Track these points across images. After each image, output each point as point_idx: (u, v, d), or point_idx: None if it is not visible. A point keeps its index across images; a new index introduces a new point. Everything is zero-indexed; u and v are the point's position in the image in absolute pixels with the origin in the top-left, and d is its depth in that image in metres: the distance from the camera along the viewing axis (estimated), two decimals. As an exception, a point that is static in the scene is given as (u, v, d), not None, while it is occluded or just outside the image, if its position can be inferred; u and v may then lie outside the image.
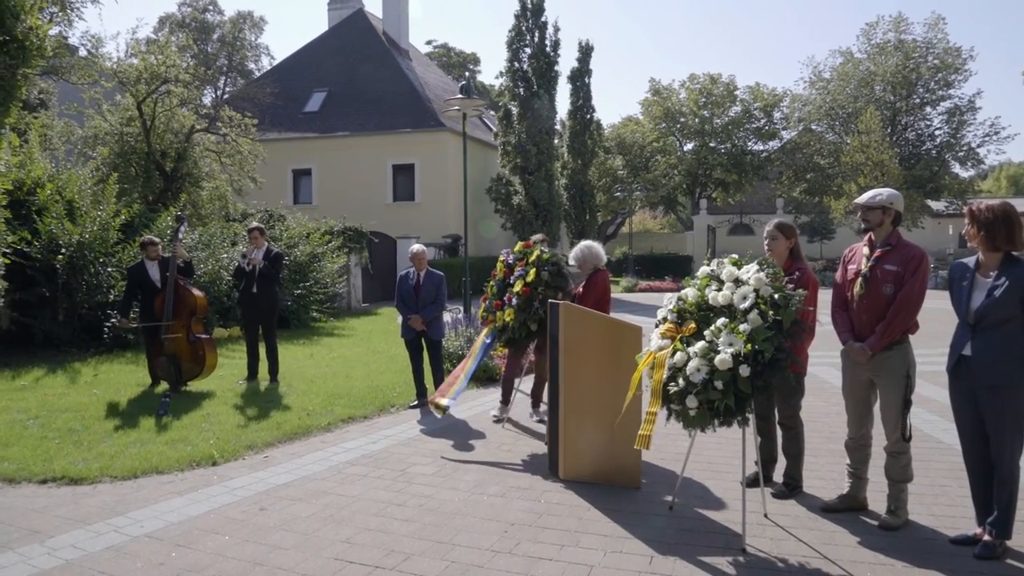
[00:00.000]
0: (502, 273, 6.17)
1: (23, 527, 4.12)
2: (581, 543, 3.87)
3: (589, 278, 5.86)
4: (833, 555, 3.66)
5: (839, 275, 4.28)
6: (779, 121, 37.11)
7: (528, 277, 5.79)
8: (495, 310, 6.07)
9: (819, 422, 6.29)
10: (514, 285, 5.90)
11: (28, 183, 10.32)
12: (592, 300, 5.65)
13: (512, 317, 5.76)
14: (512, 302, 5.82)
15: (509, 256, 6.21)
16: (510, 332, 5.84)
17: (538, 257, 5.91)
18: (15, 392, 7.44)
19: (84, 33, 30.75)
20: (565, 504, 4.45)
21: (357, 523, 4.18)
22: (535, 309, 5.69)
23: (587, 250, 5.91)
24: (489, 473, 5.09)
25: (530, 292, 5.74)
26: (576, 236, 28.47)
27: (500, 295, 6.11)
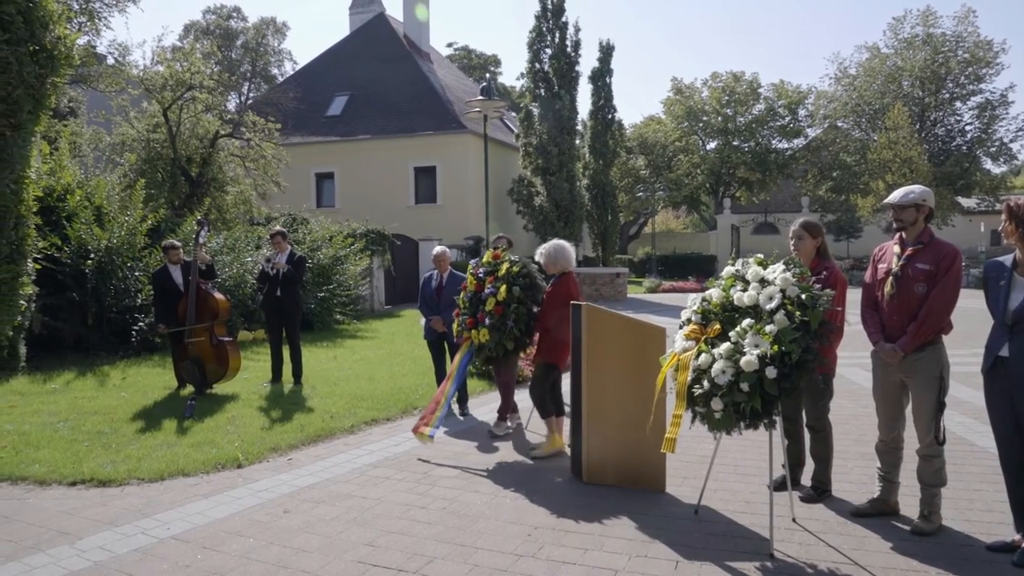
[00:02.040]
0: (473, 287, 5.81)
1: (53, 528, 4.17)
2: (605, 547, 3.82)
3: (556, 282, 5.52)
4: (864, 561, 3.58)
5: (869, 274, 4.19)
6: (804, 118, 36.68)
7: (499, 295, 5.48)
8: (469, 327, 5.71)
9: (848, 424, 6.17)
10: (486, 303, 5.57)
11: (58, 190, 10.52)
12: (558, 307, 5.34)
13: (488, 337, 5.48)
14: (486, 322, 5.50)
15: (479, 269, 5.85)
16: (487, 352, 5.58)
17: (508, 271, 5.59)
18: (46, 395, 7.57)
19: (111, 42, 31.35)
20: (588, 507, 4.41)
21: (380, 526, 4.18)
22: (509, 328, 5.43)
23: (558, 250, 5.55)
24: (512, 476, 5.07)
25: (503, 311, 5.44)
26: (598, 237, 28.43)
27: (473, 311, 5.75)
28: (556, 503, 4.49)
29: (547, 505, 4.46)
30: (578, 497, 4.60)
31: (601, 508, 4.39)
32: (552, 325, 5.40)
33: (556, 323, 5.35)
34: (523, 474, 5.10)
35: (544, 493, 4.68)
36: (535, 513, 4.33)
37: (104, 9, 16.37)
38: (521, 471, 5.17)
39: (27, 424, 6.36)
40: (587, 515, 4.28)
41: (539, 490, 4.74)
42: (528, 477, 5.02)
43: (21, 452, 5.55)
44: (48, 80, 8.26)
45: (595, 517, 4.24)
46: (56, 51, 8.24)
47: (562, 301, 5.31)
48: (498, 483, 4.91)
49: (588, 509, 4.38)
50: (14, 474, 5.10)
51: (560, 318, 5.30)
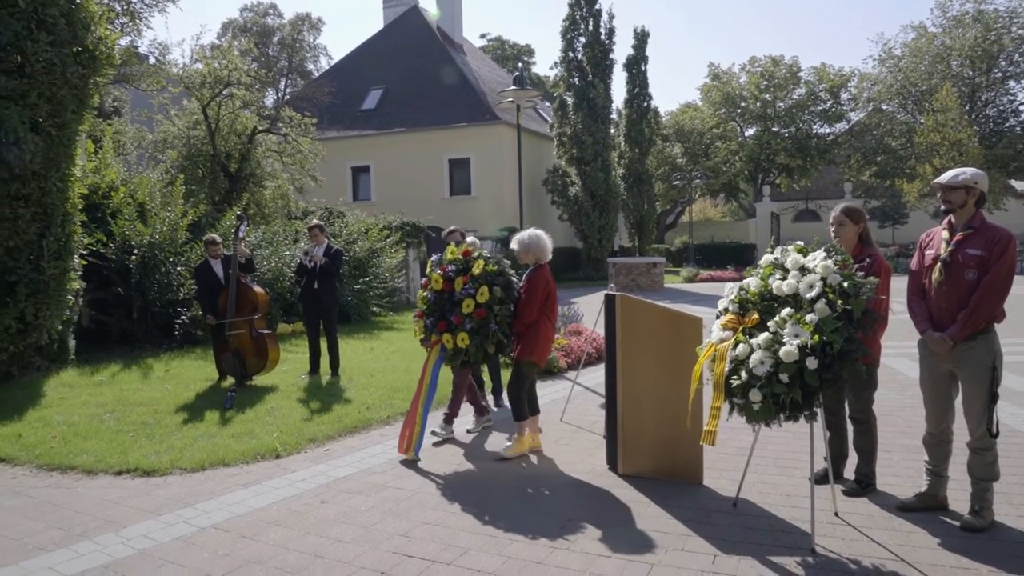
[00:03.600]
0: (439, 285, 5.33)
1: (100, 517, 4.29)
2: (641, 540, 3.77)
3: (532, 274, 5.23)
4: (911, 557, 3.46)
5: (915, 261, 4.04)
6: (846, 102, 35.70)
7: (480, 296, 5.09)
8: (439, 331, 5.25)
9: (893, 416, 6.00)
10: (461, 304, 5.15)
11: (103, 187, 10.79)
12: (537, 301, 5.14)
13: (468, 342, 5.08)
14: (466, 325, 5.08)
15: (449, 267, 5.35)
16: (465, 356, 5.17)
17: (485, 270, 5.18)
18: (94, 387, 7.79)
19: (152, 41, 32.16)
20: (624, 499, 4.36)
21: (415, 517, 4.19)
22: (493, 331, 5.06)
23: (535, 240, 5.27)
24: (546, 467, 5.04)
25: (485, 314, 5.06)
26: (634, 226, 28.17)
27: (440, 312, 5.31)
28: (591, 495, 4.45)
29: (582, 496, 4.43)
30: (613, 489, 4.55)
31: (637, 500, 4.33)
32: (532, 320, 5.16)
33: (536, 318, 5.16)
34: (558, 465, 5.07)
35: (579, 484, 4.64)
36: (569, 504, 4.30)
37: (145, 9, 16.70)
38: (556, 462, 5.14)
39: (76, 415, 6.56)
40: (622, 507, 4.23)
41: (574, 482, 4.71)
42: (563, 468, 4.99)
43: (70, 442, 5.72)
44: (91, 80, 8.45)
45: (631, 509, 4.19)
46: (98, 51, 8.42)
47: (541, 295, 5.15)
48: (532, 474, 4.89)
49: (623, 501, 4.33)
50: (63, 463, 5.26)
51: (540, 313, 5.15)
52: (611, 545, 3.72)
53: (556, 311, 5.42)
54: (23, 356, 8.13)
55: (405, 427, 5.31)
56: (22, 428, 6.15)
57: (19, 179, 7.67)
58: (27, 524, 4.20)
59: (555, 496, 4.47)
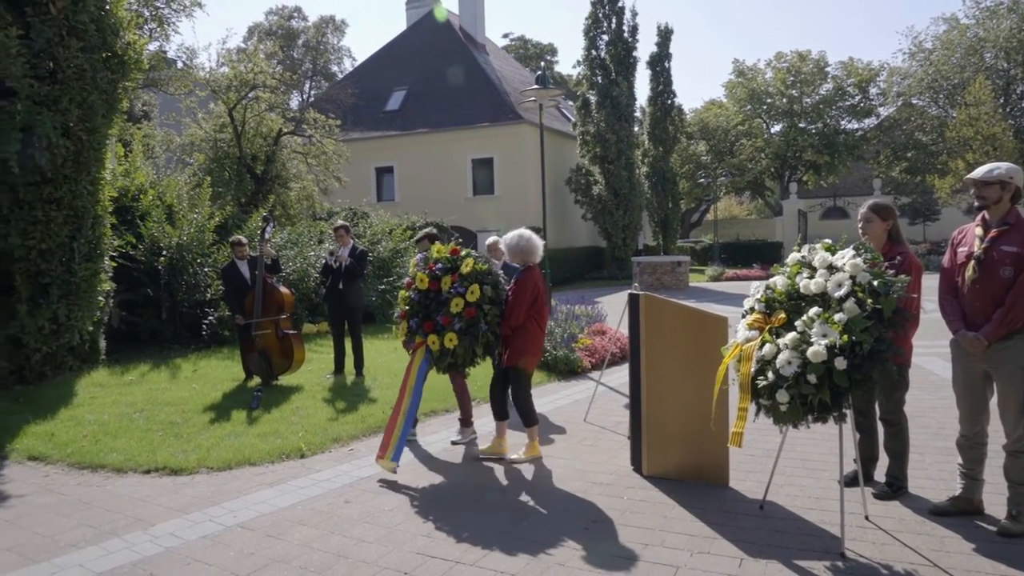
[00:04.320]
0: (424, 284, 5.16)
1: (129, 515, 4.35)
2: (666, 542, 3.73)
3: (521, 276, 5.10)
4: (945, 563, 3.37)
5: (947, 259, 3.94)
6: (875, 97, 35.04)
7: (471, 295, 4.93)
8: (425, 332, 5.06)
9: (925, 417, 5.87)
10: (449, 304, 4.99)
11: (132, 190, 10.97)
12: (524, 305, 5.00)
13: (457, 343, 4.90)
14: (455, 325, 4.92)
15: (436, 265, 5.17)
16: (452, 358, 4.98)
17: (474, 269, 5.03)
18: (124, 387, 7.92)
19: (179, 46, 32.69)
20: (648, 501, 4.32)
21: (438, 517, 4.19)
22: (484, 332, 4.91)
23: (525, 241, 5.15)
24: (570, 468, 5.01)
25: (475, 313, 4.91)
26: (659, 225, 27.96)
27: (425, 312, 5.14)
28: (615, 497, 4.42)
29: (606, 499, 4.39)
30: (638, 491, 4.50)
31: (662, 502, 4.29)
32: (520, 323, 5.03)
33: (524, 320, 5.04)
34: (581, 467, 5.04)
35: (603, 486, 4.61)
36: (593, 506, 4.27)
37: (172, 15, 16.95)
38: (579, 463, 5.11)
39: (106, 414, 6.67)
40: (647, 509, 4.19)
41: (598, 483, 4.67)
42: (586, 470, 4.96)
43: (100, 441, 5.82)
44: (120, 85, 8.59)
45: (655, 511, 4.15)
46: (126, 56, 8.57)
47: (530, 296, 5.03)
48: (556, 475, 4.86)
49: (648, 503, 4.29)
50: (94, 462, 5.35)
51: (528, 315, 5.04)
52: (636, 548, 3.68)
53: (546, 314, 5.25)
54: (56, 356, 8.30)
55: (385, 433, 5.00)
56: (55, 427, 6.28)
57: (51, 183, 7.83)
58: (59, 521, 4.28)
59: (579, 497, 4.44)
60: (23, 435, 6.04)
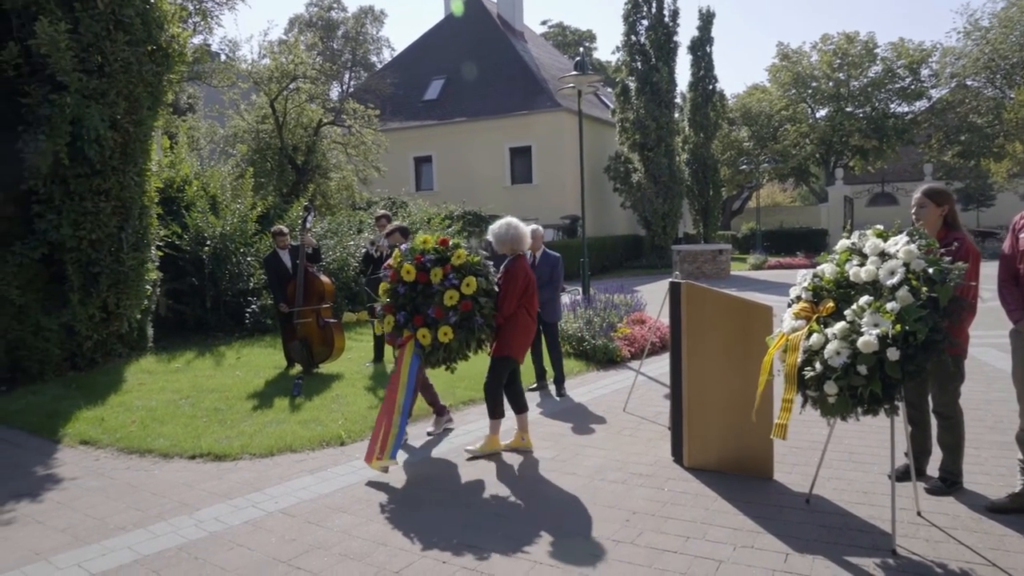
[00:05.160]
0: (412, 276, 4.87)
1: (175, 499, 4.45)
2: (708, 536, 3.65)
3: (510, 266, 4.98)
4: (1003, 563, 3.23)
5: (1008, 245, 3.76)
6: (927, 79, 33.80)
7: (467, 288, 4.72)
8: (415, 326, 4.81)
9: (981, 410, 5.64)
10: (442, 296, 4.76)
11: (177, 181, 11.21)
12: (515, 295, 4.88)
13: (452, 337, 4.70)
14: (450, 319, 4.71)
15: (425, 257, 4.90)
16: (446, 353, 4.78)
17: (468, 261, 4.84)
18: (171, 374, 8.11)
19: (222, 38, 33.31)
20: (690, 493, 4.24)
21: (476, 506, 4.18)
22: (480, 325, 4.74)
23: (513, 229, 5.03)
24: (610, 458, 4.95)
25: (471, 306, 4.72)
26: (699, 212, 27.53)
27: (413, 306, 4.88)
28: (655, 488, 4.35)
29: (646, 490, 4.32)
30: (679, 483, 4.43)
31: (704, 494, 4.20)
32: (511, 313, 4.91)
33: (515, 310, 4.93)
34: (621, 457, 4.97)
35: (643, 477, 4.54)
36: (633, 498, 4.21)
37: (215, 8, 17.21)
38: (619, 453, 5.04)
39: (154, 400, 6.84)
40: (689, 501, 4.11)
41: (638, 474, 4.61)
42: (626, 461, 4.89)
43: (148, 427, 5.97)
44: (164, 77, 8.75)
45: (697, 504, 4.07)
46: (171, 49, 8.72)
47: (521, 286, 4.91)
48: (596, 466, 4.81)
49: (690, 495, 4.21)
50: (142, 447, 5.49)
51: (519, 305, 4.93)
52: (677, 540, 3.62)
53: (535, 303, 5.11)
54: (106, 343, 8.54)
55: (376, 432, 4.76)
56: (104, 412, 6.46)
57: (100, 174, 8.02)
58: (108, 504, 4.40)
59: (619, 489, 4.38)
60: (75, 420, 6.23)
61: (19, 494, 4.64)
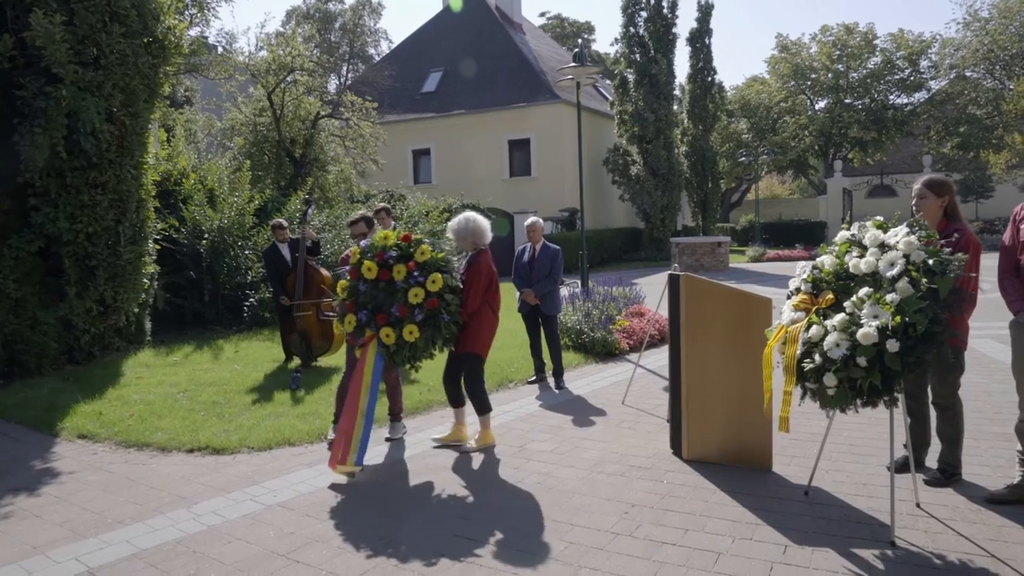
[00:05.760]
0: (373, 274, 4.69)
1: (173, 493, 4.44)
2: (707, 528, 3.65)
3: (473, 261, 4.91)
4: (1003, 554, 3.23)
5: (1008, 236, 3.75)
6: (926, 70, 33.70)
7: (433, 285, 4.58)
8: (378, 325, 4.64)
9: (980, 401, 5.64)
10: (406, 294, 4.61)
11: (175, 174, 11.17)
12: (478, 291, 4.83)
13: (418, 335, 4.56)
14: (416, 317, 4.57)
15: (388, 253, 4.72)
16: (410, 352, 4.64)
17: (432, 257, 4.70)
18: (169, 367, 8.10)
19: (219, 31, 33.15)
20: (689, 486, 4.23)
21: (476, 499, 4.17)
22: (446, 323, 4.64)
23: (474, 224, 4.95)
24: (609, 451, 4.95)
25: (438, 304, 4.60)
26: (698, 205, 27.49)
27: (375, 303, 4.72)
28: (654, 481, 4.34)
29: (645, 483, 4.32)
30: (678, 475, 4.42)
31: (703, 487, 4.20)
32: (475, 309, 4.85)
33: (479, 306, 4.88)
34: (620, 450, 4.97)
35: (642, 470, 4.54)
36: (632, 490, 4.20)
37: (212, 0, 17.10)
38: (618, 447, 5.04)
39: (152, 394, 6.83)
40: (687, 494, 4.11)
41: (637, 467, 4.60)
42: (625, 453, 4.89)
43: (146, 420, 5.95)
44: (161, 70, 8.71)
45: (696, 496, 4.07)
46: (167, 41, 8.67)
47: (484, 281, 4.85)
48: (594, 459, 4.80)
49: (689, 487, 4.20)
50: (140, 441, 5.48)
51: (483, 301, 4.88)
52: (676, 533, 3.62)
53: (499, 299, 5.04)
54: (104, 337, 8.52)
55: (340, 436, 4.59)
56: (102, 406, 6.44)
57: (96, 167, 7.98)
58: (107, 498, 4.39)
59: (617, 481, 4.38)
60: (73, 414, 6.22)
61: (17, 488, 4.63)
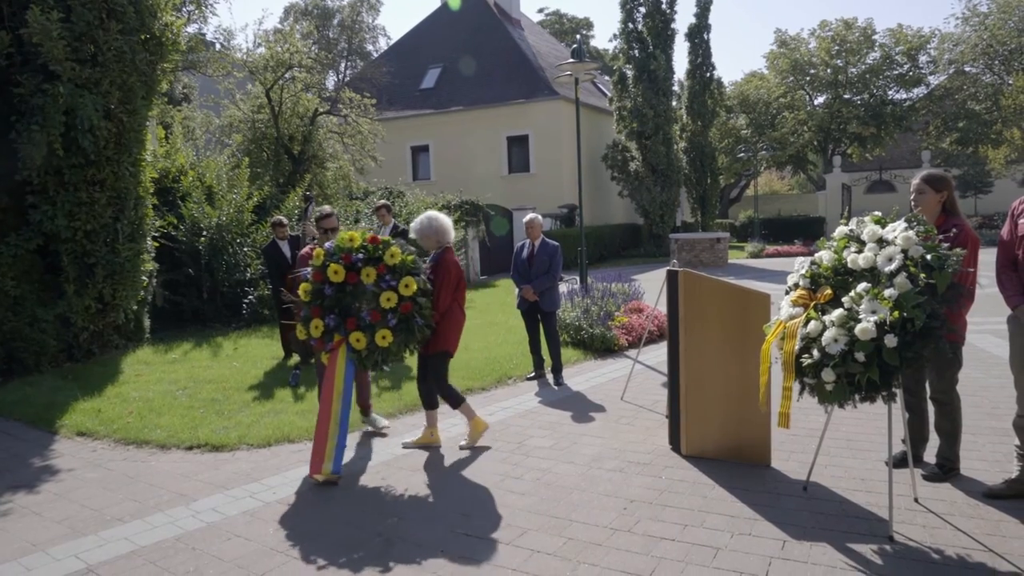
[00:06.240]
0: (340, 277, 4.56)
1: (172, 490, 4.44)
2: (706, 523, 3.66)
3: (439, 260, 4.88)
4: (1000, 548, 3.24)
5: (1006, 231, 3.75)
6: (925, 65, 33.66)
7: (406, 289, 4.50)
8: (347, 329, 4.54)
9: (978, 396, 5.65)
10: (379, 298, 4.51)
11: (173, 171, 11.15)
12: (449, 290, 4.82)
13: (391, 340, 4.48)
14: (390, 321, 4.48)
15: (353, 255, 4.58)
16: (382, 356, 4.56)
17: (403, 260, 4.59)
18: (168, 365, 8.10)
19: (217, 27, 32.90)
20: (688, 481, 4.24)
21: (474, 495, 4.18)
22: (420, 326, 4.57)
23: (437, 223, 4.92)
24: (607, 447, 4.95)
25: (411, 308, 4.53)
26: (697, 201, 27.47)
27: (342, 308, 4.63)
28: (653, 476, 4.35)
29: (644, 478, 4.33)
30: (677, 470, 4.43)
31: (701, 482, 4.21)
32: (446, 307, 4.83)
33: (448, 306, 4.85)
34: (619, 446, 4.97)
35: (641, 466, 4.54)
36: (631, 486, 4.21)
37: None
38: (617, 443, 5.05)
39: (151, 392, 6.82)
40: (686, 489, 4.12)
41: (636, 463, 4.61)
42: (624, 449, 4.89)
43: (145, 418, 5.95)
44: (158, 66, 8.68)
45: (695, 492, 4.07)
46: (164, 38, 8.64)
47: (453, 279, 4.86)
48: (593, 455, 4.81)
49: (687, 483, 4.21)
50: (139, 438, 5.48)
51: (452, 300, 4.86)
52: (674, 528, 3.62)
53: (465, 296, 5.04)
54: (102, 335, 8.51)
55: (317, 444, 4.48)
56: (101, 404, 6.44)
57: (94, 165, 7.96)
58: (105, 496, 4.39)
59: (616, 477, 4.38)
60: (72, 411, 6.22)
61: (16, 485, 4.63)
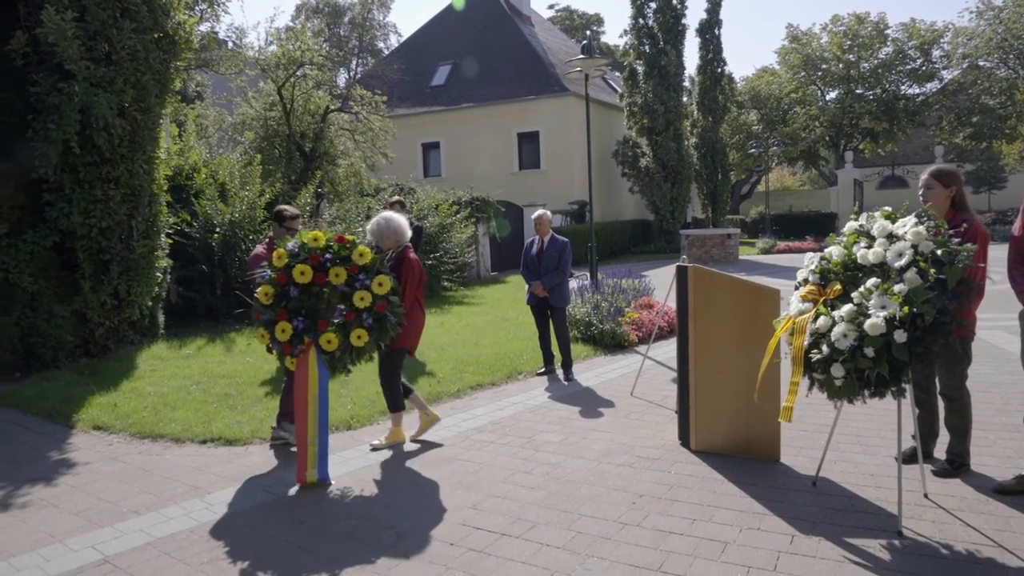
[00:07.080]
0: (307, 278, 4.42)
1: (187, 483, 4.51)
2: (714, 518, 3.68)
3: (400, 259, 4.91)
4: (1011, 544, 3.24)
5: (1018, 226, 3.74)
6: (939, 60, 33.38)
7: (380, 288, 4.46)
8: (318, 332, 4.41)
9: (989, 392, 5.62)
10: (352, 299, 4.44)
11: (186, 169, 11.24)
12: (412, 288, 4.86)
13: (366, 339, 4.44)
14: (365, 321, 4.43)
15: (324, 256, 4.48)
16: (357, 357, 4.51)
17: (374, 260, 4.53)
18: (182, 360, 8.18)
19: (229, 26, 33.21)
20: (697, 476, 4.26)
21: (484, 490, 4.21)
22: (393, 325, 4.56)
23: (392, 223, 4.92)
24: (617, 442, 4.98)
25: (386, 307, 4.49)
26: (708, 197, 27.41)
27: (308, 310, 4.50)
28: (662, 471, 4.37)
29: (653, 473, 4.35)
30: (686, 465, 4.45)
31: (710, 477, 4.22)
32: (409, 306, 4.84)
33: (411, 305, 4.87)
34: (628, 441, 5.00)
35: (650, 461, 4.57)
36: (640, 481, 4.23)
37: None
38: (627, 438, 5.07)
39: (165, 387, 6.91)
40: (695, 484, 4.13)
41: (645, 457, 4.63)
42: (633, 444, 4.92)
43: (160, 412, 6.03)
44: (172, 65, 8.76)
45: (704, 486, 4.09)
46: (177, 36, 8.72)
47: (415, 278, 4.89)
48: (603, 449, 4.83)
49: (696, 478, 4.23)
50: (154, 432, 5.55)
51: (414, 299, 4.89)
52: (683, 523, 3.64)
53: (423, 294, 5.06)
54: (118, 330, 8.62)
55: (299, 452, 4.42)
56: (117, 398, 6.53)
57: (109, 162, 8.05)
58: (121, 488, 4.46)
59: (626, 472, 4.41)
60: (88, 406, 6.31)
61: (34, 478, 4.72)
